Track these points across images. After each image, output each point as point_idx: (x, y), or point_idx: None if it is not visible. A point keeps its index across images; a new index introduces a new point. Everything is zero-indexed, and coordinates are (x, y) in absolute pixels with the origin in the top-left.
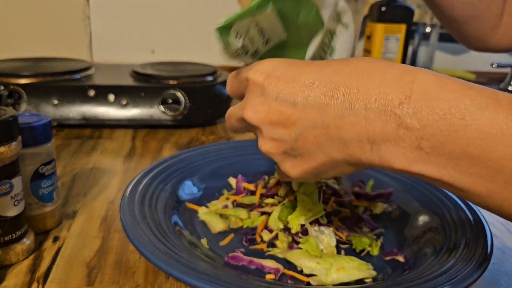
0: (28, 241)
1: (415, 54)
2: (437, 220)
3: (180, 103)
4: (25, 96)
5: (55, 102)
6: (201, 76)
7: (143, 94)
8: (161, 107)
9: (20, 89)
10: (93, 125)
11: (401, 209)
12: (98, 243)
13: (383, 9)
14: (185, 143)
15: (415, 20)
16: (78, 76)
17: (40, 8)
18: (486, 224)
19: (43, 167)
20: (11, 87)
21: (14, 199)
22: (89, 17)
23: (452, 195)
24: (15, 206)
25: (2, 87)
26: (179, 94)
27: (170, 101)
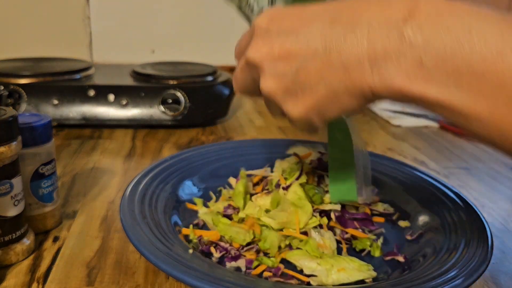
0: (28, 241)
1: None
2: (437, 220)
3: (180, 103)
4: (25, 96)
5: (55, 102)
6: (201, 76)
7: (143, 94)
8: (161, 107)
9: (20, 89)
10: (93, 125)
11: (401, 209)
12: (98, 243)
13: None
14: (185, 143)
15: None
16: (78, 76)
17: (40, 8)
18: (486, 224)
19: (43, 167)
20: (11, 87)
21: (14, 199)
22: (89, 17)
23: (452, 195)
24: (15, 206)
25: (2, 87)
26: (179, 94)
27: (170, 101)
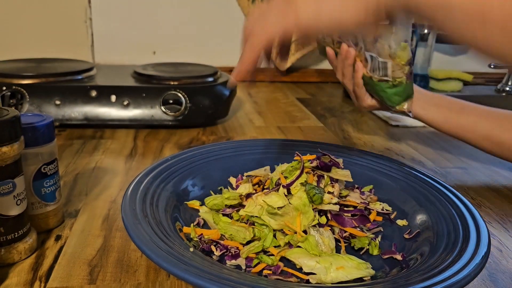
0: (31, 239)
1: (413, 55)
2: (434, 220)
3: (181, 104)
4: (27, 97)
5: (57, 103)
6: (202, 77)
7: (144, 95)
8: (162, 108)
9: (22, 89)
10: (95, 125)
11: (399, 209)
12: (100, 242)
13: None
14: (186, 143)
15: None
16: (80, 77)
17: (43, 10)
18: (483, 222)
19: (46, 166)
20: (14, 87)
21: (16, 198)
22: (90, 18)
23: (449, 194)
24: (18, 205)
25: (4, 88)
26: (180, 94)
27: (171, 101)
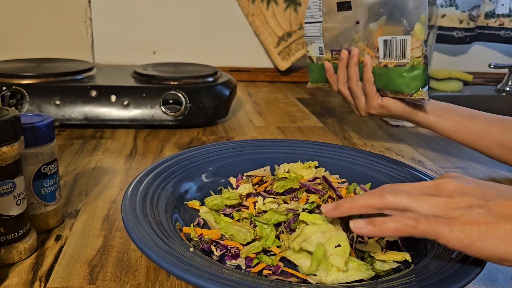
0: (31, 240)
1: None
2: None
3: (181, 104)
4: (27, 97)
5: (57, 103)
6: (202, 77)
7: (144, 95)
8: (162, 108)
9: (22, 89)
10: (95, 125)
11: None
12: (100, 242)
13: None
14: (186, 143)
15: None
16: (80, 77)
17: (43, 10)
18: None
19: (46, 166)
20: (14, 87)
21: (16, 198)
22: (90, 18)
23: None
24: (18, 205)
25: (4, 88)
26: (180, 94)
27: (171, 101)
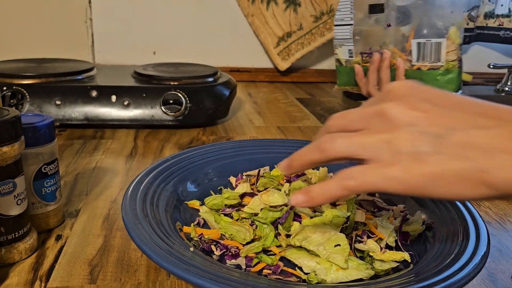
0: (31, 239)
1: None
2: (434, 219)
3: (181, 104)
4: (27, 97)
5: (58, 103)
6: (202, 77)
7: (144, 95)
8: (162, 108)
9: (23, 89)
10: (95, 125)
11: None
12: (100, 242)
13: None
14: (186, 143)
15: None
16: (80, 77)
17: (43, 10)
18: (483, 222)
19: (46, 166)
20: (14, 87)
21: (17, 198)
22: (91, 19)
23: None
24: (18, 205)
25: (5, 88)
26: (180, 94)
27: (171, 101)
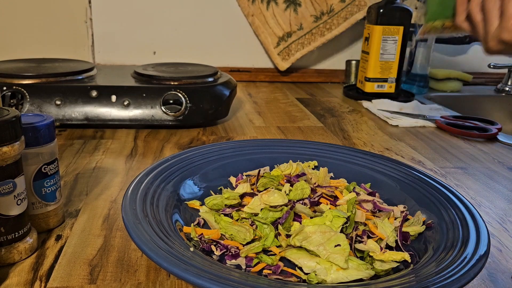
0: (31, 239)
1: (412, 55)
2: (434, 219)
3: (181, 104)
4: (27, 97)
5: (58, 103)
6: (202, 77)
7: (144, 95)
8: (163, 108)
9: (23, 89)
10: (95, 125)
11: None
12: (100, 242)
13: (381, 11)
14: (186, 143)
15: (412, 21)
16: (80, 77)
17: (43, 10)
18: (483, 222)
19: (46, 166)
20: (14, 87)
21: (17, 198)
22: (91, 19)
23: (448, 194)
24: (18, 205)
25: (5, 88)
26: (180, 94)
27: (171, 101)
